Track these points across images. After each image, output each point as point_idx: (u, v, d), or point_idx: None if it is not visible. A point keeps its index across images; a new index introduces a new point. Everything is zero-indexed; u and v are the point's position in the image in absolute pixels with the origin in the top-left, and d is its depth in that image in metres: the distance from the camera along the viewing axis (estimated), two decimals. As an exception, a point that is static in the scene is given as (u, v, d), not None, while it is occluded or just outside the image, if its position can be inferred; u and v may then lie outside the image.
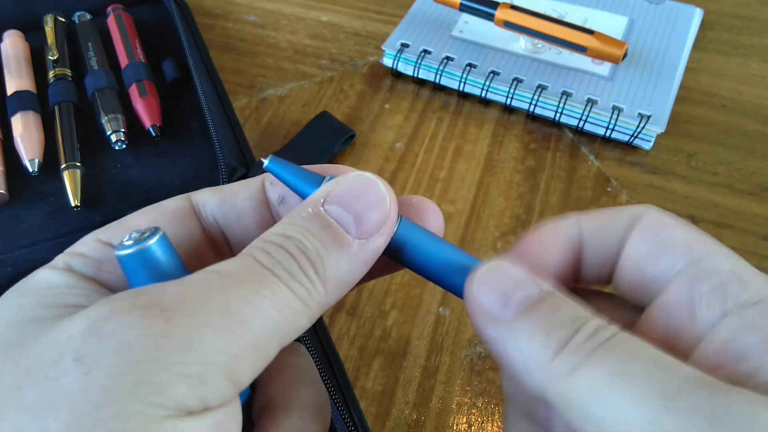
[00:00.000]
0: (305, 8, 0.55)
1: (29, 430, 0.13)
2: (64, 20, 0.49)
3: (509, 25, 0.46)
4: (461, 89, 0.46)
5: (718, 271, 0.16)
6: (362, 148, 0.45)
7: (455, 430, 0.32)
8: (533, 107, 0.45)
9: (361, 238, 0.17)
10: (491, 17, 0.47)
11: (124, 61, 0.46)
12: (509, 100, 0.45)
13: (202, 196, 0.20)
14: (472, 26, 0.49)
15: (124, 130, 0.42)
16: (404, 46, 0.48)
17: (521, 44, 0.48)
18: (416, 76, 0.48)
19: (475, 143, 0.45)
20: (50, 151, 0.41)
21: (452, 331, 0.35)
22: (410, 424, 0.32)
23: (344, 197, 0.17)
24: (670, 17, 0.50)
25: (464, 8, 0.48)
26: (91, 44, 0.47)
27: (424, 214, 0.20)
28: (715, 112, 0.46)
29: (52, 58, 0.45)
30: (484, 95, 0.46)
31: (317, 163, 0.42)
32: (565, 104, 0.44)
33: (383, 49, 0.48)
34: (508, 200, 0.41)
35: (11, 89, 0.43)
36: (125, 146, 0.42)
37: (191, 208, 0.20)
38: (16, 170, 0.40)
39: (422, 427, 0.32)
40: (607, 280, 0.19)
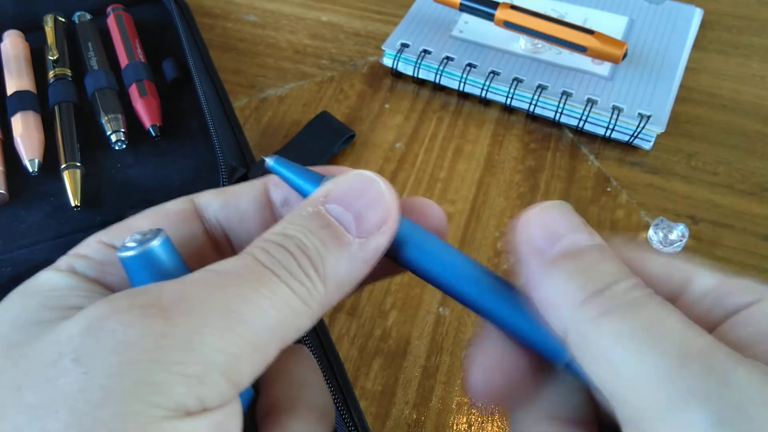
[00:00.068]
0: (305, 8, 0.55)
1: (29, 430, 0.13)
2: (64, 20, 0.49)
3: (509, 25, 0.46)
4: (461, 89, 0.46)
5: None
6: (362, 148, 0.44)
7: (455, 430, 0.32)
8: (533, 107, 0.45)
9: (361, 237, 0.17)
10: (491, 17, 0.47)
11: (124, 61, 0.46)
12: (509, 100, 0.45)
13: (204, 198, 0.20)
14: (472, 26, 0.49)
15: (124, 130, 0.42)
16: (404, 46, 0.48)
17: (521, 44, 0.48)
18: (416, 76, 0.48)
19: (475, 143, 0.45)
20: (50, 151, 0.41)
21: (452, 331, 0.35)
22: (410, 424, 0.32)
23: (345, 196, 0.17)
24: (670, 17, 0.50)
25: (464, 8, 0.48)
26: (91, 44, 0.47)
27: (427, 216, 0.20)
28: (715, 112, 0.46)
29: (52, 58, 0.45)
30: (484, 95, 0.46)
31: (317, 163, 0.42)
32: (565, 104, 0.44)
33: (383, 49, 0.48)
34: (508, 200, 0.41)
35: (11, 89, 0.43)
36: (125, 146, 0.42)
37: (194, 210, 0.20)
38: (16, 170, 0.40)
39: (422, 427, 0.32)
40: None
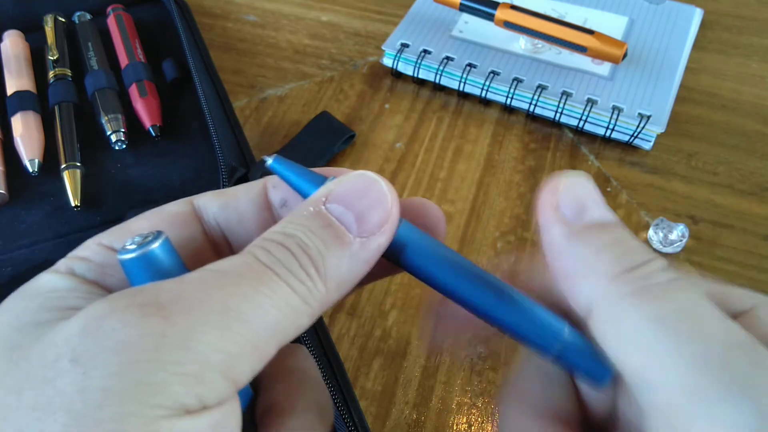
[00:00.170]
0: (305, 8, 0.55)
1: (29, 431, 0.13)
2: (64, 20, 0.49)
3: (509, 25, 0.46)
4: (461, 89, 0.46)
5: None
6: (362, 148, 0.44)
7: (455, 430, 0.32)
8: (533, 107, 0.45)
9: (362, 236, 0.17)
10: (491, 17, 0.47)
11: (124, 61, 0.46)
12: (509, 100, 0.45)
13: (204, 199, 0.20)
14: (472, 26, 0.49)
15: (124, 130, 0.42)
16: (404, 46, 0.48)
17: (521, 44, 0.48)
18: (416, 76, 0.48)
19: (475, 143, 0.45)
20: (50, 151, 0.41)
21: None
22: (410, 424, 0.32)
23: (346, 196, 0.17)
24: (670, 17, 0.50)
25: (464, 8, 0.48)
26: (91, 44, 0.47)
27: (426, 217, 0.20)
28: (715, 112, 0.46)
29: (52, 58, 0.45)
30: (484, 95, 0.46)
31: (317, 163, 0.42)
32: (565, 104, 0.44)
33: (383, 49, 0.48)
34: (508, 200, 0.41)
35: (11, 89, 0.43)
36: (125, 146, 0.42)
37: (193, 211, 0.20)
38: (16, 170, 0.40)
39: (422, 427, 0.32)
40: None
